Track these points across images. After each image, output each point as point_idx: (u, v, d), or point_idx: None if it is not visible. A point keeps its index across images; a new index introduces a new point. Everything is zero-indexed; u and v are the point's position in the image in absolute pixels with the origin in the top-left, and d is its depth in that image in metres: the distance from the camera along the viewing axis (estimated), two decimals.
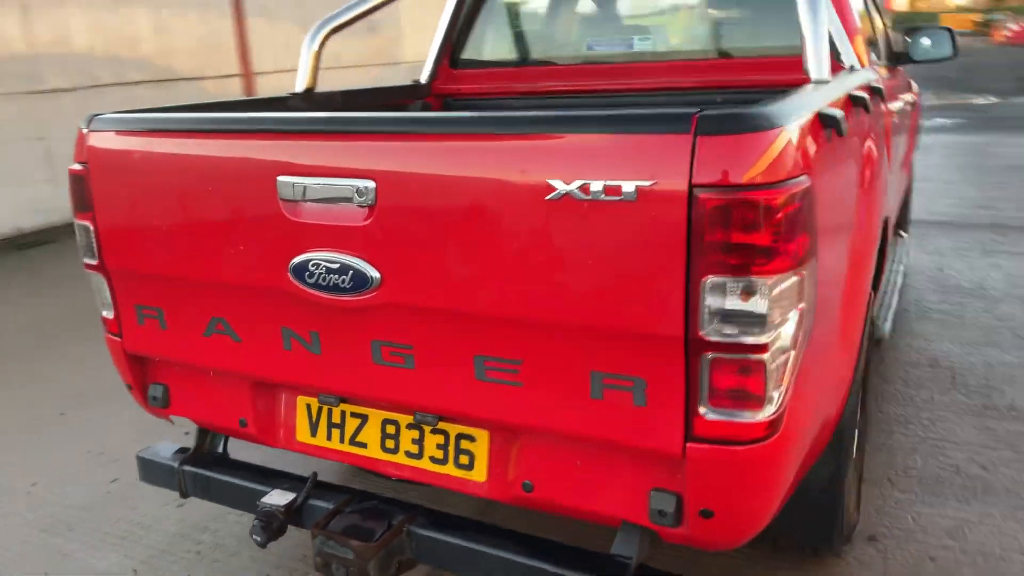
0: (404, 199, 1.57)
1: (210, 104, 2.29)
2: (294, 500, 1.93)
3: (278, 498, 1.95)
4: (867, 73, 2.48)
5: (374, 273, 1.62)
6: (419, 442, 1.83)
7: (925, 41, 4.11)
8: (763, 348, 1.36)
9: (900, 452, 2.93)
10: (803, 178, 1.39)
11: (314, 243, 1.67)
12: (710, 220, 1.32)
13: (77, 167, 1.98)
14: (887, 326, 3.11)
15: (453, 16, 3.33)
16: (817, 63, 1.84)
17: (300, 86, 2.72)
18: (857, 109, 2.00)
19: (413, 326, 1.65)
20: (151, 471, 2.20)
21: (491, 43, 3.36)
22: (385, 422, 1.86)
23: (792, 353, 1.44)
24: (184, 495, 2.16)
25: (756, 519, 1.53)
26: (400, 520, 1.82)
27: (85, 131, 1.97)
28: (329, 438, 1.94)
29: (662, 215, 1.34)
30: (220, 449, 2.23)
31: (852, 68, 2.47)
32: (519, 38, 3.36)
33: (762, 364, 1.38)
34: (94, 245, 2.01)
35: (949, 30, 4.19)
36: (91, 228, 2.00)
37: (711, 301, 1.35)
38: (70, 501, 2.82)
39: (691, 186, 1.32)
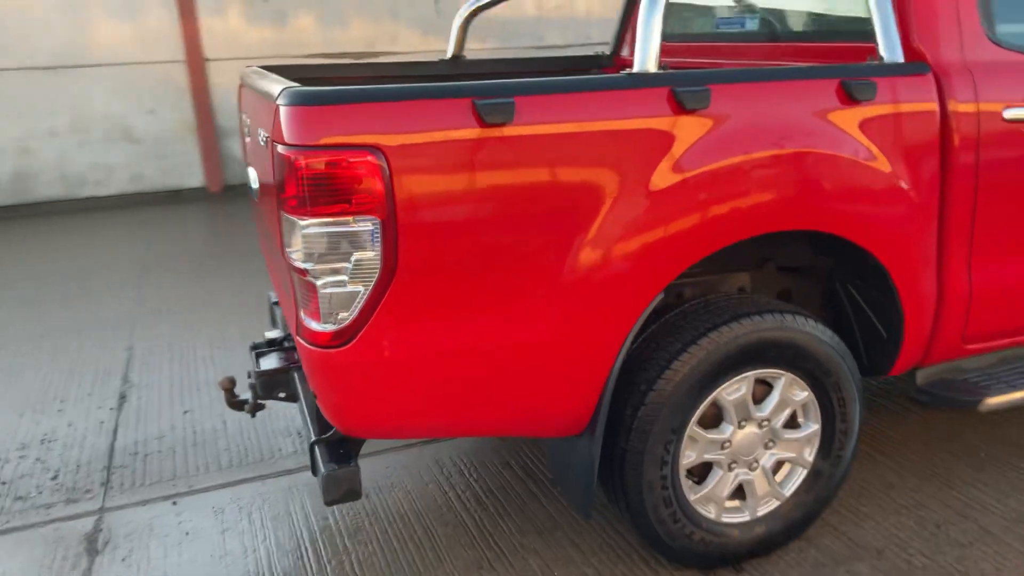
0: None
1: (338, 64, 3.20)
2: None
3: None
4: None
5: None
6: None
7: None
8: (305, 272, 1.76)
9: None
10: (361, 148, 1.70)
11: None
12: (279, 168, 1.76)
13: None
14: None
15: None
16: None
17: (448, 54, 3.42)
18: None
19: None
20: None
21: (674, 19, 3.47)
22: None
23: (361, 289, 1.77)
24: None
25: (349, 413, 1.89)
26: (287, 365, 2.59)
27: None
28: None
29: (275, 160, 1.82)
30: None
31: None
32: (694, 15, 3.39)
33: (315, 287, 1.77)
34: None
35: None
36: None
37: (285, 231, 1.80)
38: None
39: (271, 143, 1.77)
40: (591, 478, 2.10)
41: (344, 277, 1.77)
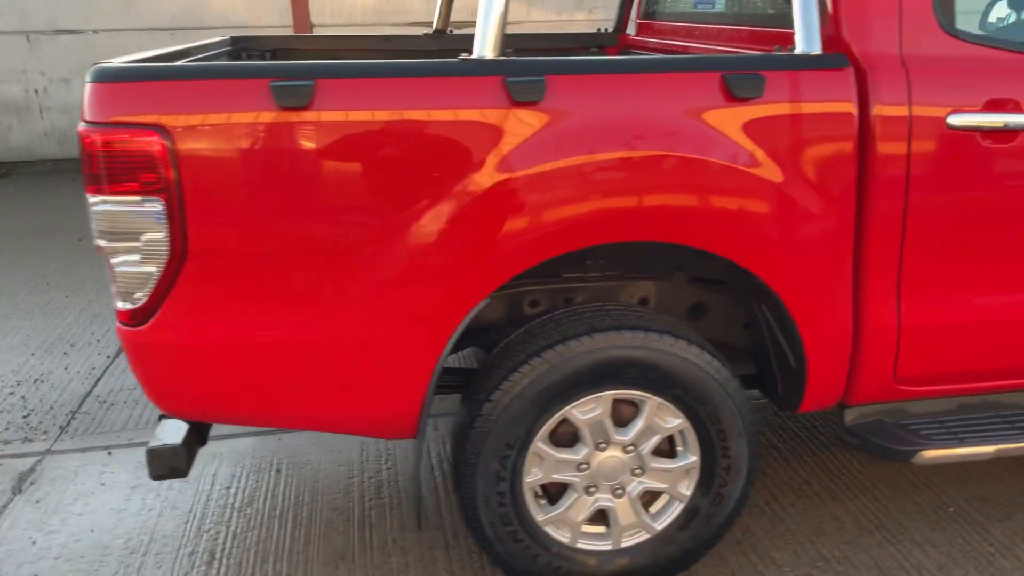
0: None
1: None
2: None
3: None
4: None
5: None
6: None
7: None
8: (102, 250, 1.76)
9: None
10: (147, 127, 1.66)
11: None
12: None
13: None
14: None
15: None
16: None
17: (434, 28, 3.32)
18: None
19: None
20: None
21: None
22: None
23: (154, 269, 1.76)
24: None
25: (153, 392, 1.88)
26: None
27: None
28: None
29: None
30: None
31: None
32: None
33: (112, 265, 1.77)
34: None
35: None
36: None
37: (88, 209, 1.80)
38: None
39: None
40: (416, 485, 2.00)
41: (136, 257, 1.76)
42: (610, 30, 3.45)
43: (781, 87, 1.84)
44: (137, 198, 1.72)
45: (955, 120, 1.92)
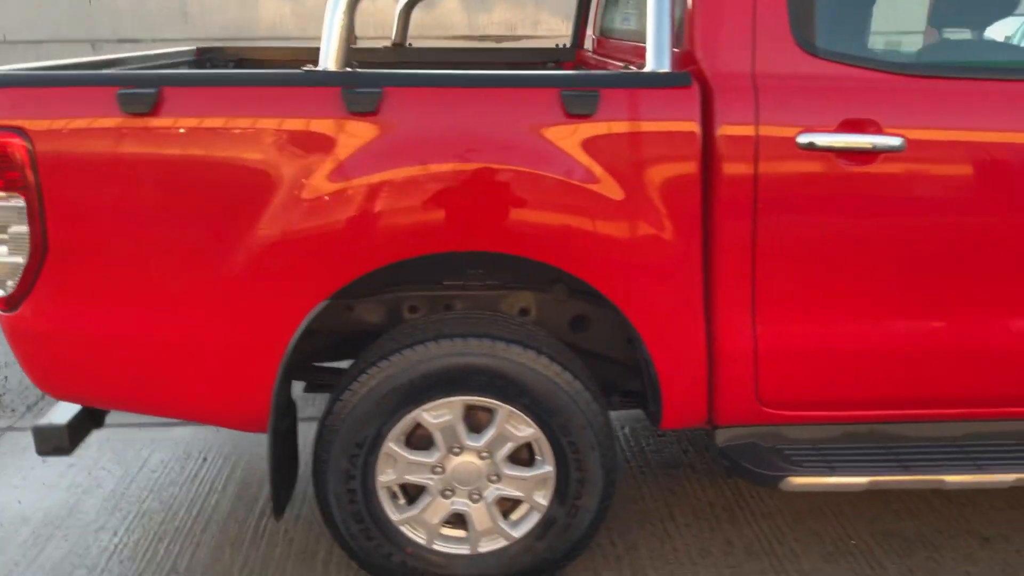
0: None
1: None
2: None
3: None
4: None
5: None
6: None
7: None
8: None
9: None
10: (7, 129, 1.82)
11: None
12: None
13: None
14: None
15: None
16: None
17: (392, 41, 3.42)
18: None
19: None
20: None
21: (619, 12, 3.19)
22: None
23: (21, 260, 1.90)
24: None
25: (29, 373, 2.04)
26: None
27: None
28: None
29: None
30: None
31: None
32: (626, 7, 3.08)
33: None
34: None
35: None
36: None
37: None
38: None
39: None
40: (272, 476, 2.08)
41: (5, 248, 1.92)
42: (567, 46, 3.49)
43: (617, 105, 1.85)
44: (2, 194, 1.87)
45: (806, 139, 1.89)
